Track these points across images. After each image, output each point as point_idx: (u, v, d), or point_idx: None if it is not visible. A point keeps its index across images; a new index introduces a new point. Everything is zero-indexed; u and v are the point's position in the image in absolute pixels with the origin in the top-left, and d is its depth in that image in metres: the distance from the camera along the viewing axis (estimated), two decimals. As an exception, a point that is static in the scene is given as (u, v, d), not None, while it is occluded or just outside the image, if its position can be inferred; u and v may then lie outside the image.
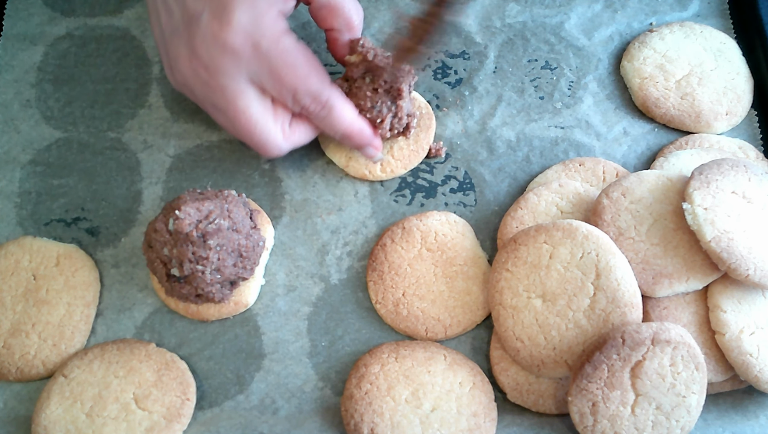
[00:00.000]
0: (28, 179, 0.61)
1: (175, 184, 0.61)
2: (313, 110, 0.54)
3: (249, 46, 0.50)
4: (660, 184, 0.54)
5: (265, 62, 0.51)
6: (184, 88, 0.55)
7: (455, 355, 0.54)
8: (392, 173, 0.60)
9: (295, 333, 0.56)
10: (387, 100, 0.57)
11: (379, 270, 0.56)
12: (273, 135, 0.54)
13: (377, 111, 0.57)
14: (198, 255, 0.50)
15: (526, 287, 0.52)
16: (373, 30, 0.67)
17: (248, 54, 0.50)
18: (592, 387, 0.48)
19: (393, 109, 0.57)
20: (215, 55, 0.50)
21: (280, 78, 0.51)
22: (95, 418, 0.51)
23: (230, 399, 0.54)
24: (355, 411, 0.51)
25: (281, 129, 0.54)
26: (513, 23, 0.67)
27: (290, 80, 0.52)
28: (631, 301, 0.50)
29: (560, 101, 0.64)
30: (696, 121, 0.61)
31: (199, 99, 0.55)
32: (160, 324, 0.56)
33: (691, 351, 0.48)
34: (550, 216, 0.56)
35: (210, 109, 0.55)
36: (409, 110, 0.58)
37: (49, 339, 0.54)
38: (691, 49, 0.64)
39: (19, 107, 0.64)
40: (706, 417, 0.52)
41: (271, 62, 0.51)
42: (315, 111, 0.54)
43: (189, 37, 0.51)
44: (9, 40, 0.66)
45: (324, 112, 0.54)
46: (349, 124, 0.56)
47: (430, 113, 0.62)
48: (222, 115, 0.54)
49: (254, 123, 0.53)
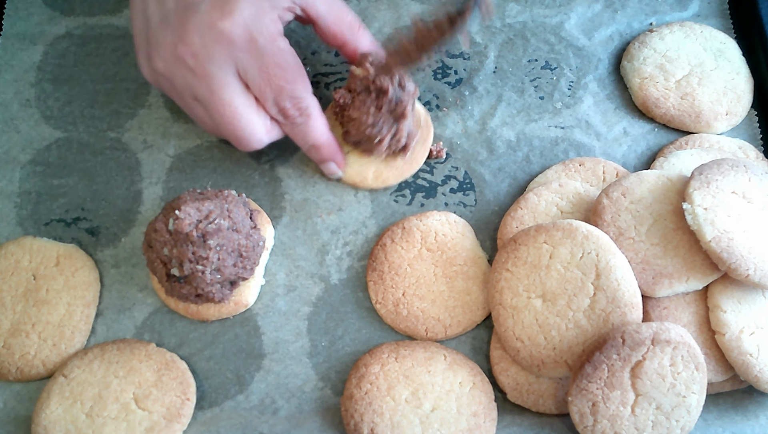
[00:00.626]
0: (28, 179, 0.61)
1: (175, 184, 0.61)
2: (291, 114, 0.54)
3: (245, 38, 0.51)
4: (660, 184, 0.54)
5: (258, 58, 0.51)
6: (161, 79, 0.54)
7: (455, 355, 0.54)
8: (384, 183, 0.60)
9: (295, 333, 0.56)
10: (389, 119, 0.56)
11: (379, 270, 0.56)
12: (256, 127, 0.54)
13: (378, 129, 0.56)
14: (198, 255, 0.50)
15: (526, 287, 0.52)
16: (373, 30, 0.67)
17: (243, 45, 0.51)
18: (592, 387, 0.48)
19: (393, 130, 0.57)
20: (208, 42, 0.51)
21: (269, 75, 0.52)
22: (95, 418, 0.51)
23: (230, 399, 0.54)
24: (355, 411, 0.51)
25: (263, 123, 0.55)
26: (513, 23, 0.67)
27: (278, 80, 0.52)
28: (631, 301, 0.50)
29: (560, 101, 0.64)
30: (696, 121, 0.61)
31: (177, 89, 0.54)
32: (160, 324, 0.56)
33: (691, 351, 0.48)
34: (550, 216, 0.56)
35: (188, 100, 0.54)
36: (410, 130, 0.58)
37: (49, 339, 0.54)
38: (691, 49, 0.64)
39: (19, 107, 0.64)
40: (706, 417, 0.52)
41: (264, 58, 0.51)
42: (293, 116, 0.54)
43: (180, 24, 0.51)
44: (8, 40, 0.66)
45: (301, 119, 0.55)
46: (320, 135, 0.57)
47: (429, 126, 0.61)
48: (201, 107, 0.54)
49: (239, 115, 0.53)
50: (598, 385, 0.48)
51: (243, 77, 0.52)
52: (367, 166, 0.60)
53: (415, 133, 0.59)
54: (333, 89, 0.64)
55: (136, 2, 0.55)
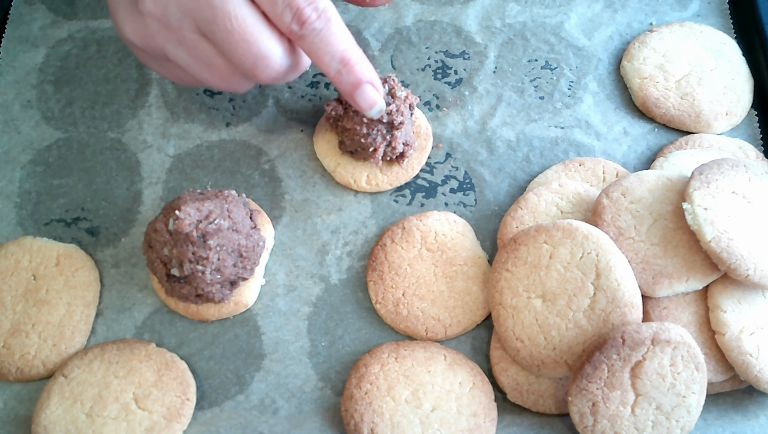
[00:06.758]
0: (28, 179, 0.61)
1: (175, 184, 0.61)
2: (308, 17, 0.46)
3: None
4: (660, 184, 0.54)
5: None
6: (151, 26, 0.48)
7: (455, 355, 0.54)
8: (377, 187, 0.60)
9: (295, 333, 0.56)
10: (383, 128, 0.56)
11: (379, 270, 0.56)
12: (272, 45, 0.47)
13: (372, 138, 0.56)
14: (198, 255, 0.50)
15: (526, 287, 0.52)
16: (373, 30, 0.67)
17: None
18: (592, 387, 0.48)
19: (388, 138, 0.56)
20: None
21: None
22: (95, 418, 0.51)
23: (230, 399, 0.54)
24: (355, 411, 0.51)
25: (278, 42, 0.47)
26: (513, 23, 0.67)
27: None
28: (631, 301, 0.50)
29: (560, 101, 0.64)
30: (696, 121, 0.61)
31: (174, 27, 0.47)
32: (160, 324, 0.56)
33: (691, 351, 0.48)
34: (550, 216, 0.56)
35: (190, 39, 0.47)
36: (408, 138, 0.58)
37: (49, 339, 0.54)
38: (691, 49, 0.64)
39: (20, 108, 0.64)
40: (706, 417, 0.52)
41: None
42: (310, 19, 0.46)
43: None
44: (11, 42, 0.67)
45: (320, 23, 0.47)
46: (347, 42, 0.48)
47: (429, 134, 0.61)
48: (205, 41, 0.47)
49: (249, 28, 0.46)
50: (598, 385, 0.48)
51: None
52: (361, 169, 0.60)
53: (413, 140, 0.59)
54: (333, 89, 0.64)
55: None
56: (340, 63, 0.48)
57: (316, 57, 0.48)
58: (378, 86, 0.51)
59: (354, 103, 0.51)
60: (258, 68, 0.47)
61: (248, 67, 0.47)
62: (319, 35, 0.47)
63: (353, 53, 0.48)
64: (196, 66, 0.49)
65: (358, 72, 0.49)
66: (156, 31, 0.48)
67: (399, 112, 0.55)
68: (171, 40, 0.48)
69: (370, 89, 0.50)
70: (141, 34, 0.49)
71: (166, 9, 0.46)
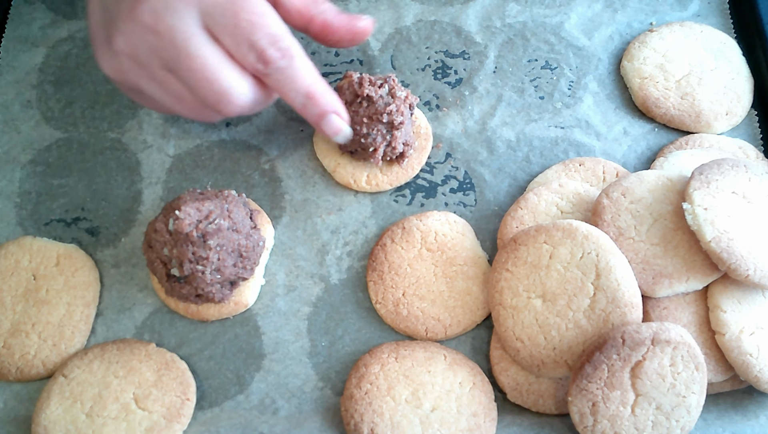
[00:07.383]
0: (28, 179, 0.61)
1: (175, 184, 0.61)
2: (271, 56, 0.48)
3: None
4: (660, 184, 0.54)
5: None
6: (125, 63, 0.49)
7: (455, 355, 0.54)
8: (377, 187, 0.60)
9: (295, 333, 0.56)
10: (383, 128, 0.56)
11: (379, 270, 0.56)
12: (235, 81, 0.48)
13: (371, 139, 0.56)
14: (198, 255, 0.50)
15: (526, 287, 0.52)
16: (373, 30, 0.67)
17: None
18: (592, 387, 0.48)
19: (388, 138, 0.56)
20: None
21: (236, 12, 0.47)
22: (95, 418, 0.51)
23: (230, 399, 0.54)
24: (355, 411, 0.51)
25: (242, 78, 0.48)
26: (513, 23, 0.67)
27: (247, 15, 0.47)
28: (631, 301, 0.50)
29: (560, 101, 0.64)
30: (696, 121, 0.61)
31: (144, 64, 0.49)
32: (160, 324, 0.56)
33: (691, 351, 0.48)
34: (550, 216, 0.56)
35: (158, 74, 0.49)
36: (407, 138, 0.58)
37: (49, 339, 0.54)
38: (691, 49, 0.64)
39: (20, 108, 0.64)
40: (706, 417, 0.52)
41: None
42: (273, 58, 0.48)
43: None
44: (11, 42, 0.67)
45: (284, 62, 0.48)
46: (311, 79, 0.50)
47: (429, 134, 0.61)
48: (173, 77, 0.49)
49: (210, 66, 0.47)
50: (598, 385, 0.48)
51: (210, 27, 0.47)
52: (361, 169, 0.60)
53: (413, 140, 0.59)
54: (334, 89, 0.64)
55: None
56: (305, 97, 0.50)
57: (283, 93, 0.51)
58: (342, 114, 0.53)
59: (321, 131, 0.54)
60: (221, 104, 0.49)
61: (212, 103, 0.49)
62: (284, 73, 0.49)
63: (317, 87, 0.50)
64: (168, 99, 0.51)
65: (323, 104, 0.51)
66: (129, 68, 0.50)
67: (399, 112, 0.55)
68: (143, 76, 0.50)
69: (335, 118, 0.52)
70: (116, 71, 0.51)
71: (136, 48, 0.48)
